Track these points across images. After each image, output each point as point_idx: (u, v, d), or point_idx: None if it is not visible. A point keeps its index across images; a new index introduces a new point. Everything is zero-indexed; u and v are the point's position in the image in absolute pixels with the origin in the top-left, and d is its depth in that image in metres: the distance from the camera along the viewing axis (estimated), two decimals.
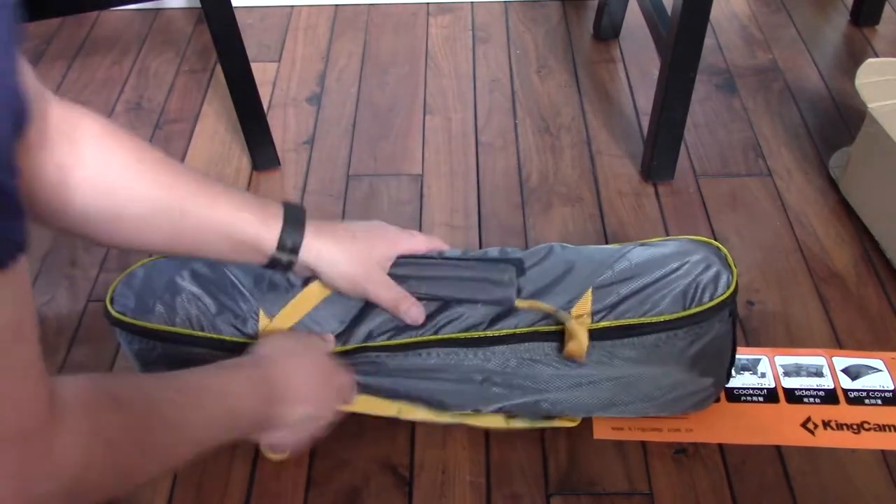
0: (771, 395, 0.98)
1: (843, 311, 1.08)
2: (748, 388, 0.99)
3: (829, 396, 0.98)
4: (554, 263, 0.89)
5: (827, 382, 0.99)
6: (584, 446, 0.93)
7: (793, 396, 0.98)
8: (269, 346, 0.82)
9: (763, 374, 1.00)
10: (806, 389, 0.99)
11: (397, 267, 0.86)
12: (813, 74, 1.48)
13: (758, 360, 1.02)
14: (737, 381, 0.99)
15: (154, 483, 0.91)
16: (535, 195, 1.26)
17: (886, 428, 0.94)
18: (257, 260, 0.82)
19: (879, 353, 1.02)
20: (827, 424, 0.95)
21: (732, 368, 0.93)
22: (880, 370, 1.00)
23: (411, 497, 0.90)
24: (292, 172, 1.31)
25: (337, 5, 1.68)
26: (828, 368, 1.01)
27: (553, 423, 0.92)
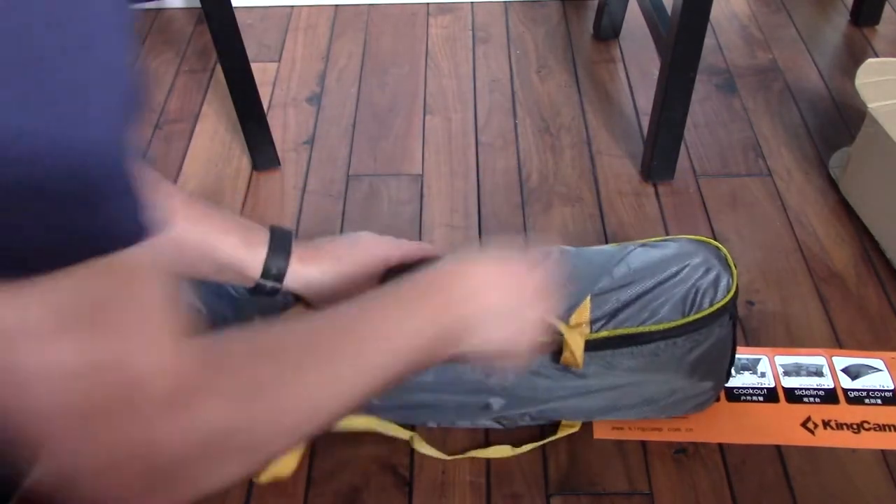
0: (771, 395, 0.98)
1: (843, 311, 1.07)
2: (748, 388, 0.99)
3: (829, 396, 0.98)
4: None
5: (827, 382, 0.99)
6: (584, 446, 0.93)
7: (793, 396, 0.98)
8: (453, 262, 0.69)
9: (763, 374, 1.00)
10: (806, 389, 0.99)
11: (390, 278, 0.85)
12: (813, 74, 1.48)
13: (758, 359, 1.02)
14: (737, 380, 0.99)
15: None
16: (535, 195, 1.26)
17: (886, 428, 0.94)
18: (242, 283, 0.81)
19: (879, 353, 1.02)
20: (827, 424, 0.95)
21: (732, 368, 0.93)
22: (880, 370, 1.00)
23: (411, 497, 0.90)
24: (292, 172, 1.31)
25: (337, 5, 1.68)
26: (828, 368, 1.01)
27: (556, 435, 0.92)
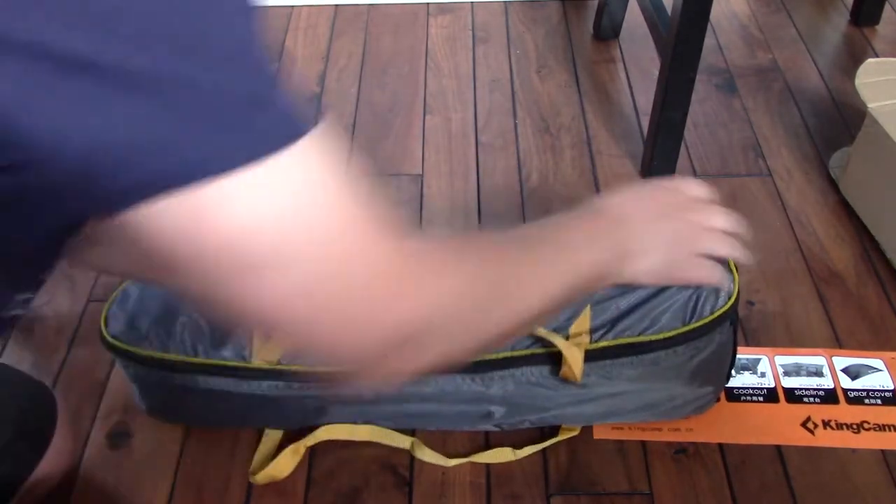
0: (771, 395, 0.98)
1: (843, 311, 1.07)
2: (748, 388, 0.99)
3: (829, 396, 0.98)
4: None
5: (827, 382, 0.99)
6: (584, 446, 0.93)
7: (793, 396, 0.98)
8: (611, 198, 0.75)
9: (763, 374, 1.00)
10: (806, 389, 0.99)
11: None
12: (813, 74, 1.48)
13: (758, 359, 1.02)
14: (737, 380, 0.99)
15: (154, 482, 0.91)
16: (535, 195, 1.26)
17: (886, 428, 0.94)
18: None
19: (879, 353, 1.02)
20: (827, 424, 0.95)
21: (732, 369, 0.93)
22: (880, 370, 1.00)
23: (411, 497, 0.90)
24: None
25: (337, 5, 1.68)
26: (828, 368, 1.01)
27: (556, 438, 0.92)
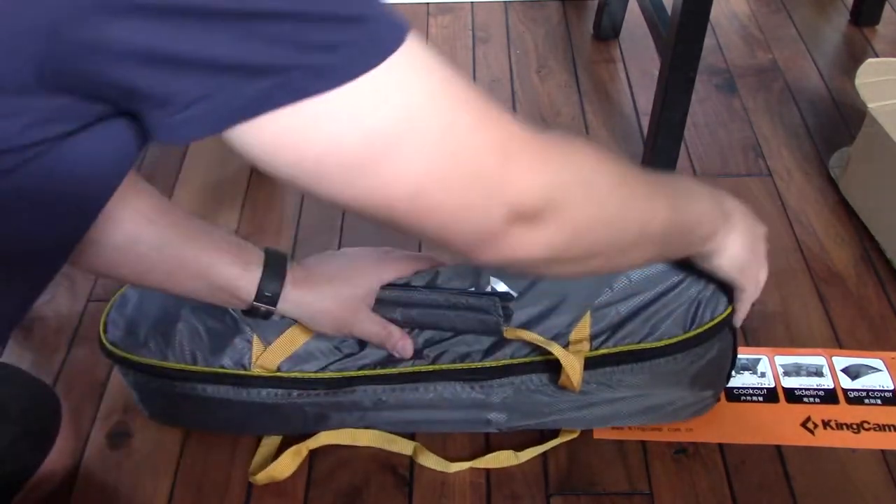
0: (771, 395, 0.98)
1: (843, 311, 1.07)
2: (748, 388, 0.99)
3: (829, 396, 0.98)
4: (551, 283, 0.86)
5: (827, 382, 0.99)
6: (583, 446, 0.93)
7: (793, 396, 0.98)
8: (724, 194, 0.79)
9: (763, 374, 1.00)
10: (806, 389, 0.99)
11: (383, 291, 0.84)
12: (813, 74, 1.48)
13: (758, 359, 1.02)
14: (737, 380, 0.99)
15: (154, 482, 0.91)
16: None
17: (886, 428, 0.94)
18: (234, 305, 0.80)
19: (879, 353, 1.02)
20: (827, 424, 0.95)
21: (732, 370, 0.93)
22: (880, 370, 1.00)
23: (411, 497, 0.90)
24: None
25: None
26: (828, 368, 1.01)
27: (557, 440, 0.92)
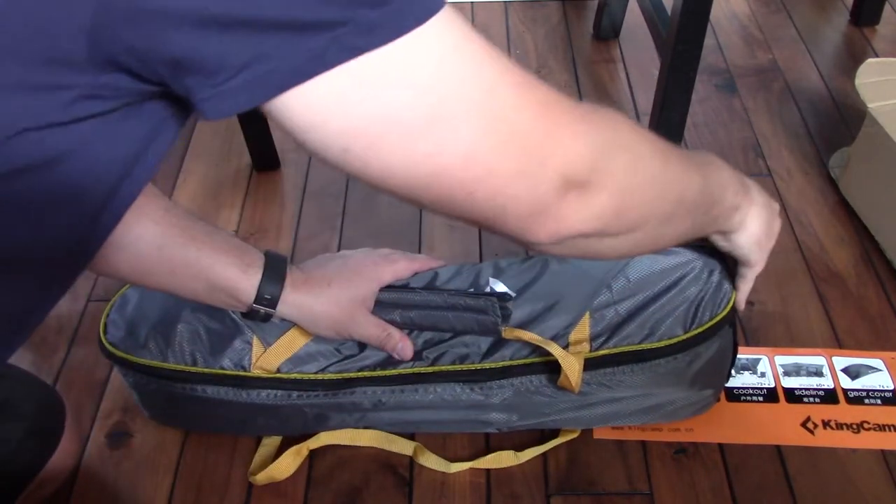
0: (771, 395, 0.98)
1: (843, 311, 1.07)
2: (748, 388, 0.99)
3: (829, 396, 0.98)
4: (550, 283, 0.87)
5: (827, 382, 0.99)
6: (583, 446, 0.93)
7: (792, 396, 0.98)
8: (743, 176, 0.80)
9: (763, 374, 1.00)
10: (806, 389, 0.99)
11: (382, 293, 0.84)
12: (813, 74, 1.48)
13: (758, 359, 1.02)
14: (737, 380, 0.99)
15: (154, 482, 0.91)
16: None
17: (886, 428, 0.94)
18: (233, 307, 0.80)
19: (879, 353, 1.02)
20: (827, 424, 0.95)
21: (732, 369, 0.93)
22: (880, 370, 1.00)
23: (411, 497, 0.90)
24: (292, 172, 1.31)
25: None
26: (828, 368, 1.01)
27: (557, 440, 0.92)
